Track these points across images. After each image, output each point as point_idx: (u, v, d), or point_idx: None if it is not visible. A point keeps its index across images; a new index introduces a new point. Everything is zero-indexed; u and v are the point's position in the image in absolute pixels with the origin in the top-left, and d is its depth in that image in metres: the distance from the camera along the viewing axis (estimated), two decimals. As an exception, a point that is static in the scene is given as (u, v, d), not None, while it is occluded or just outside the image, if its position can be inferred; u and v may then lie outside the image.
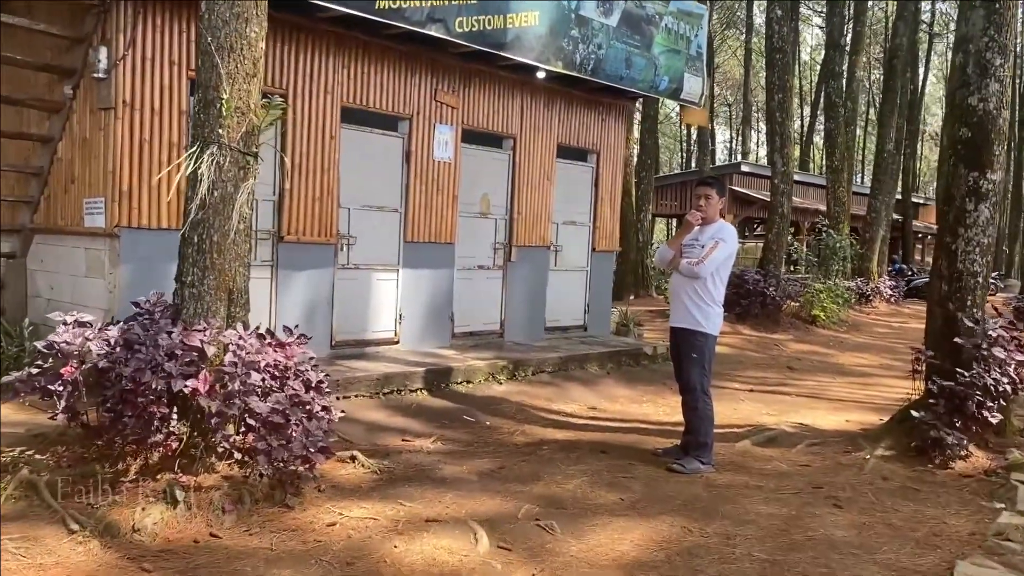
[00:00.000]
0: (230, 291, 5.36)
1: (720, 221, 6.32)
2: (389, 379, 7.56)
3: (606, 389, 9.05)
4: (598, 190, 11.06)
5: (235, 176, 5.24)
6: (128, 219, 6.69)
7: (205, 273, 5.26)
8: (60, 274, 7.37)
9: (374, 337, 8.65)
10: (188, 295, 5.30)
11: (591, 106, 10.75)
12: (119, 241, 6.67)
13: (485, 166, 9.63)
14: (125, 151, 6.64)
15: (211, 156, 5.17)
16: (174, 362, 4.82)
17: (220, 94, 5.13)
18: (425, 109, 8.82)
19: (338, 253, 8.24)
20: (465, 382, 8.23)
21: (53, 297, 7.49)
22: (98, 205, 6.77)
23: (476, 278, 9.67)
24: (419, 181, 8.83)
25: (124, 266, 6.70)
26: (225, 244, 5.25)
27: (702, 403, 6.19)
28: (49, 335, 4.96)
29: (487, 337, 9.83)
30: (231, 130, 5.18)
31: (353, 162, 8.26)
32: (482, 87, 9.38)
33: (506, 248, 9.93)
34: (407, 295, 8.87)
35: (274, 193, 7.71)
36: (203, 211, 5.22)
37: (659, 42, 10.14)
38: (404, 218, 8.77)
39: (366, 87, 8.29)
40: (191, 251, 5.30)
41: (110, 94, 6.57)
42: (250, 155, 5.30)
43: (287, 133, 7.70)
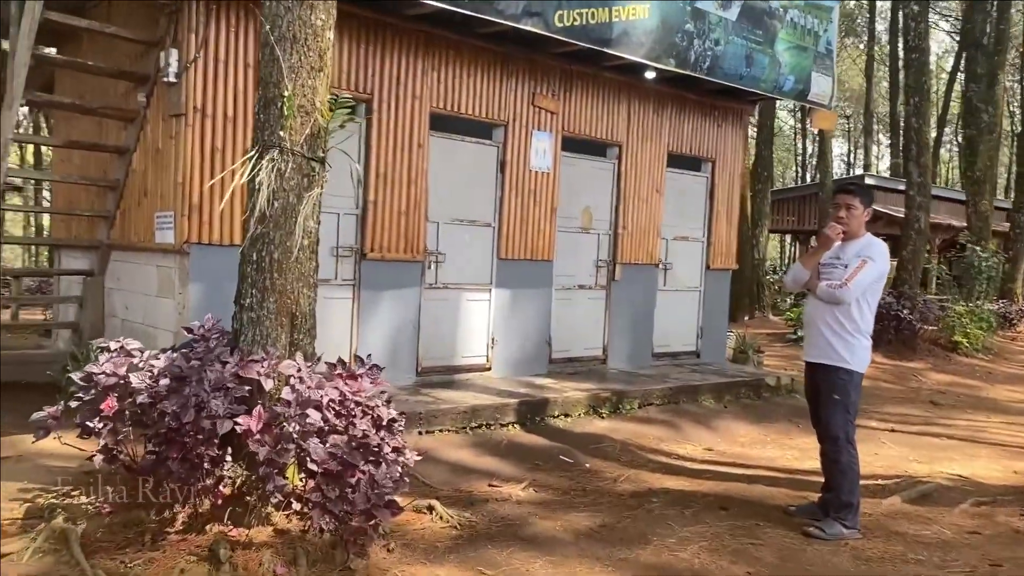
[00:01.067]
0: (292, 315, 4.70)
1: (867, 236, 5.27)
2: (478, 412, 6.79)
3: (724, 426, 8.00)
4: (713, 202, 10.03)
5: (298, 185, 4.59)
6: (198, 234, 6.19)
7: (264, 295, 4.62)
8: (134, 293, 6.96)
9: (464, 363, 7.91)
10: (246, 320, 4.68)
11: (705, 110, 9.75)
12: (188, 258, 6.17)
13: (587, 176, 8.78)
14: (195, 161, 6.15)
15: (271, 162, 4.53)
16: (223, 398, 4.17)
17: (281, 91, 4.49)
18: (522, 115, 8.06)
19: (425, 271, 7.56)
20: (563, 416, 7.37)
21: (128, 317, 7.09)
22: (168, 219, 6.30)
23: (576, 299, 8.81)
24: (514, 193, 8.06)
25: (193, 285, 6.19)
26: (287, 262, 4.60)
27: (846, 455, 5.14)
28: (88, 364, 4.41)
29: (588, 364, 8.94)
30: (294, 132, 4.54)
31: (442, 173, 7.58)
32: (584, 90, 8.56)
33: (610, 266, 9.04)
34: (500, 317, 8.10)
35: (357, 206, 7.10)
36: (262, 225, 4.59)
37: (783, 38, 9.06)
38: (497, 233, 8.02)
39: (457, 91, 7.60)
40: (250, 270, 4.67)
41: (180, 100, 6.09)
42: (316, 161, 4.64)
43: (371, 141, 7.08)
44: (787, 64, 9.15)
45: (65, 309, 8.16)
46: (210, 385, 4.17)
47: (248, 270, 4.68)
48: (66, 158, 8.12)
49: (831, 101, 9.93)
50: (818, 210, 22.25)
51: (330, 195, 6.68)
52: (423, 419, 6.46)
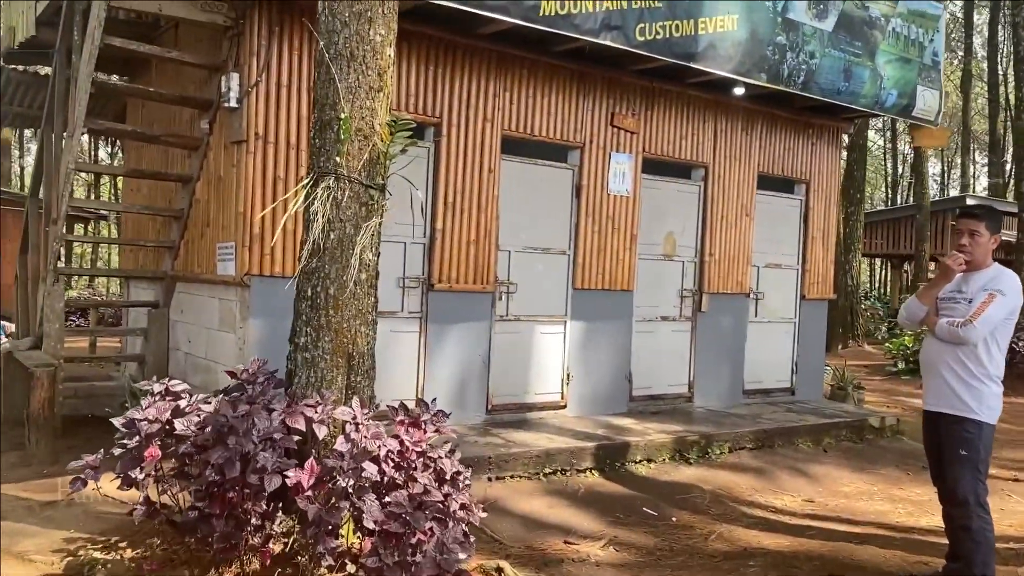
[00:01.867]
0: (349, 355, 4.31)
1: (994, 266, 4.59)
2: (552, 456, 6.27)
3: (824, 474, 7.26)
4: (808, 227, 9.31)
5: (356, 214, 4.20)
6: (259, 266, 5.89)
7: (319, 334, 4.25)
8: (196, 326, 6.73)
9: (537, 401, 7.41)
10: (300, 360, 4.32)
11: (798, 128, 9.09)
12: (249, 291, 5.88)
13: (670, 200, 8.22)
14: (257, 190, 5.87)
15: (327, 190, 4.17)
16: (272, 450, 3.78)
17: (337, 113, 4.13)
18: (599, 136, 7.58)
19: (496, 302, 7.11)
20: (646, 461, 6.79)
21: (190, 351, 6.86)
22: (229, 251, 6.03)
23: (659, 331, 8.22)
24: (591, 219, 7.57)
25: (254, 320, 5.89)
26: (343, 297, 4.22)
27: (977, 521, 4.44)
28: (131, 409, 4.09)
29: (672, 402, 8.32)
30: (351, 157, 4.17)
31: (514, 198, 7.15)
32: (667, 109, 8.03)
33: (695, 296, 8.43)
34: (576, 351, 7.58)
35: (424, 235, 6.72)
36: (317, 258, 4.22)
37: (885, 49, 8.35)
38: (573, 262, 7.52)
39: (531, 113, 7.17)
40: (304, 306, 4.31)
41: (241, 126, 5.84)
42: (375, 188, 4.25)
43: (440, 167, 6.71)
44: (889, 77, 8.42)
45: (133, 340, 8.03)
46: (259, 436, 3.79)
47: (302, 306, 4.32)
48: (135, 188, 8.03)
49: (938, 117, 9.13)
50: (914, 233, 21.02)
51: (396, 224, 6.35)
52: (493, 464, 5.99)
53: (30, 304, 6.98)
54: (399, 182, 4.62)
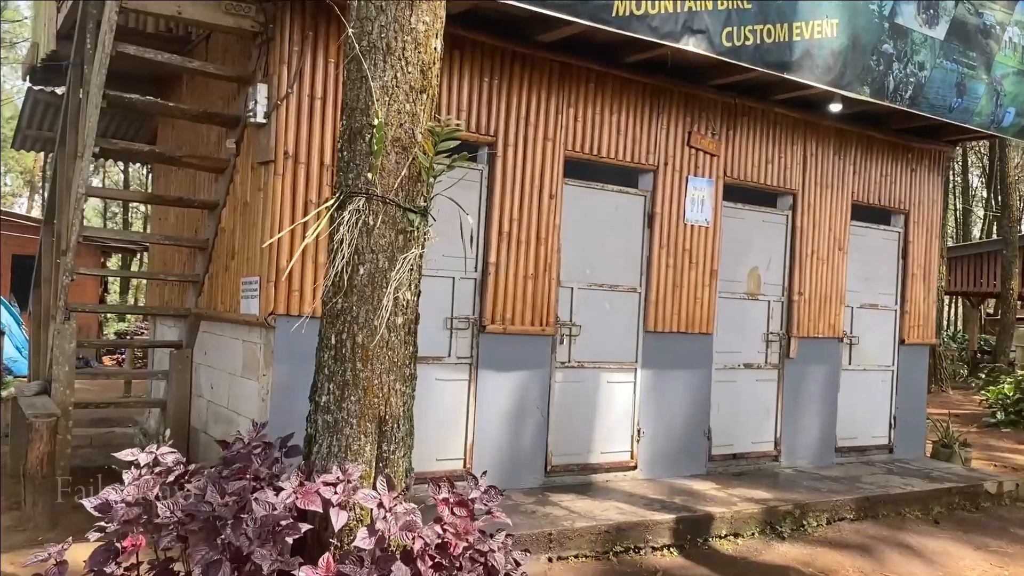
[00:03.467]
0: (380, 419, 3.47)
1: None
2: (624, 532, 5.32)
3: (941, 552, 6.13)
4: (907, 262, 8.24)
5: (391, 243, 3.38)
6: (286, 305, 5.11)
7: (344, 391, 3.42)
8: (219, 371, 5.97)
9: (603, 461, 6.46)
10: (321, 424, 3.49)
11: (897, 152, 8.07)
12: (274, 334, 5.09)
13: (755, 231, 7.26)
14: (285, 216, 5.11)
15: (356, 214, 3.36)
16: (272, 545, 2.93)
17: (370, 119, 3.33)
18: (675, 158, 6.69)
19: (557, 347, 6.21)
20: (732, 536, 5.78)
21: (212, 399, 6.10)
22: (253, 286, 5.27)
23: (741, 380, 7.22)
24: (665, 252, 6.65)
25: (278, 367, 5.10)
26: (373, 347, 3.38)
27: None
28: (108, 487, 3.29)
29: (756, 462, 7.28)
30: (386, 174, 3.36)
31: (578, 228, 6.27)
32: (751, 129, 7.10)
33: (783, 340, 7.41)
34: (648, 404, 6.63)
35: (476, 269, 5.88)
36: (343, 297, 3.40)
37: (1001, 61, 7.32)
38: (644, 300, 6.60)
39: (597, 131, 6.32)
40: (327, 358, 3.49)
41: (269, 143, 5.10)
42: (415, 212, 3.43)
43: (494, 191, 5.88)
44: (1007, 93, 7.38)
45: (158, 384, 7.33)
46: (257, 526, 2.94)
47: (324, 358, 3.50)
48: (163, 217, 7.39)
49: (1059, 138, 8.02)
50: (999, 270, 19.54)
51: (443, 256, 5.54)
52: (553, 541, 5.06)
53: (41, 344, 6.31)
54: (446, 205, 3.80)
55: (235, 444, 3.38)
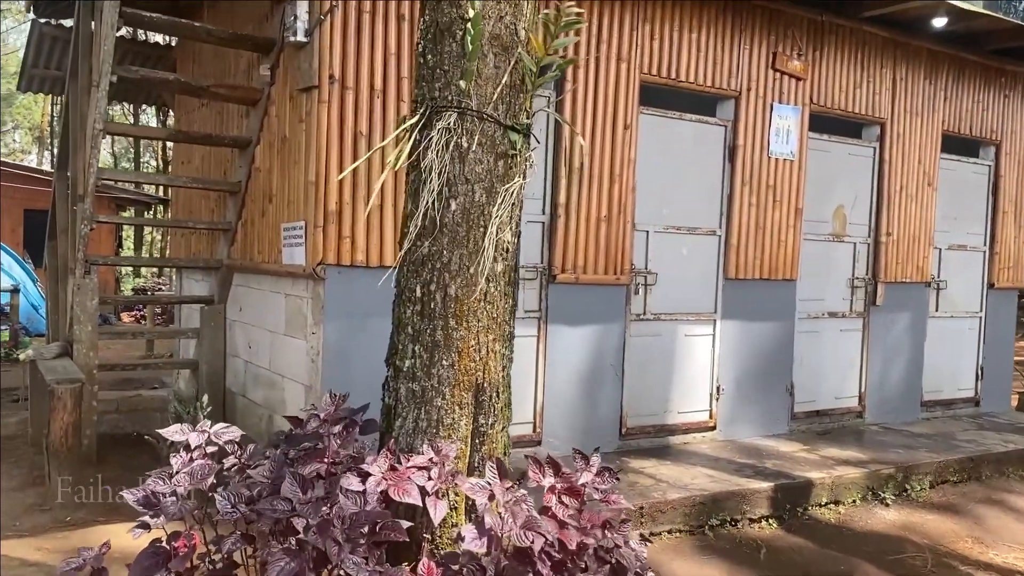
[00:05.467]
0: (477, 387, 2.85)
1: None
2: (718, 503, 4.74)
3: (1060, 519, 5.55)
4: (997, 199, 7.52)
5: (489, 171, 2.73)
6: (337, 253, 4.47)
7: (434, 355, 2.80)
8: (258, 328, 5.37)
9: (680, 422, 5.86)
10: (405, 393, 2.87)
11: (990, 77, 7.28)
12: (323, 286, 4.46)
13: (839, 165, 6.54)
14: (332, 151, 4.44)
15: (446, 134, 2.69)
16: (362, 551, 2.34)
17: (462, 10, 2.64)
18: (758, 83, 5.95)
19: (632, 297, 5.57)
20: (832, 503, 5.21)
21: (251, 359, 5.51)
22: (297, 233, 4.63)
23: (825, 331, 6.57)
24: (748, 189, 5.95)
25: (330, 324, 4.48)
26: (470, 300, 2.75)
27: None
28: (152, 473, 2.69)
29: (839, 418, 6.67)
30: (482, 82, 2.68)
31: (653, 163, 5.57)
32: (838, 50, 6.34)
33: (868, 286, 6.74)
34: (728, 358, 6.00)
35: (543, 211, 5.22)
36: (430, 239, 2.75)
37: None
38: (724, 244, 5.92)
39: (675, 52, 5.58)
40: (409, 313, 2.85)
41: (312, 66, 4.40)
42: (517, 131, 2.76)
43: (562, 116, 5.18)
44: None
45: (186, 343, 6.75)
46: (345, 526, 2.34)
47: (407, 313, 2.86)
48: (186, 159, 6.73)
49: None
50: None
51: None
52: (645, 516, 4.48)
53: (60, 301, 5.72)
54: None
55: (310, 422, 2.76)
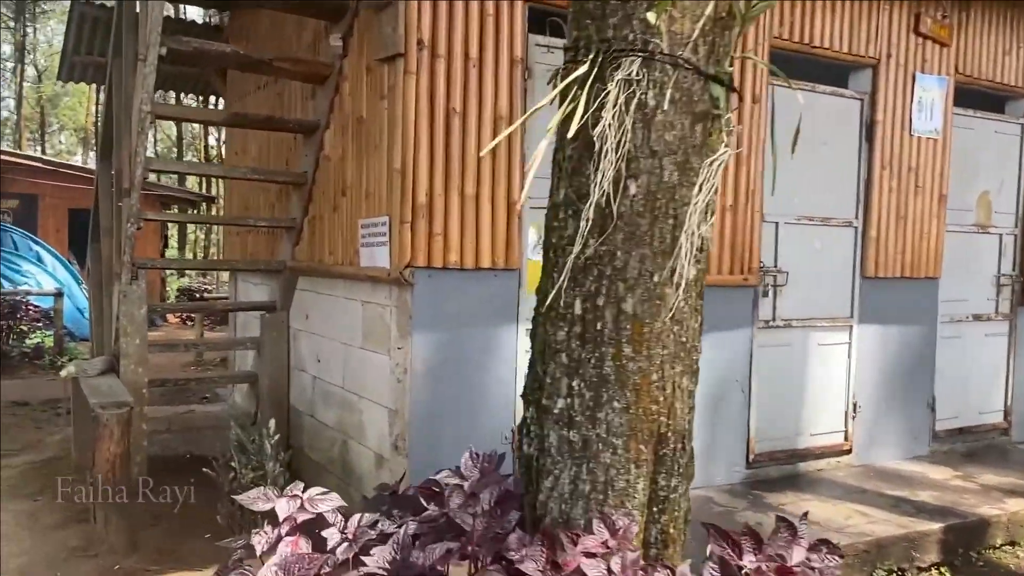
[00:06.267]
0: (659, 437, 2.09)
1: None
2: (883, 549, 3.93)
3: None
4: None
5: (683, 138, 1.97)
6: (427, 254, 3.75)
7: (600, 393, 2.06)
8: (329, 340, 4.67)
9: (812, 445, 5.04)
10: (556, 444, 2.14)
11: None
12: (411, 293, 3.74)
13: (984, 145, 5.66)
14: (422, 131, 3.72)
15: (623, 87, 1.94)
16: None
17: (652, -87, 1.89)
18: (898, 49, 5.10)
19: (759, 301, 4.77)
20: (1008, 545, 4.36)
21: (320, 375, 4.82)
22: (379, 230, 3.92)
23: (968, 336, 5.69)
24: (888, 172, 5.11)
25: (419, 336, 3.76)
26: (654, 319, 2.00)
27: None
28: (237, 552, 1.97)
29: (984, 436, 5.80)
30: (678, 15, 1.92)
31: (782, 143, 4.74)
32: (984, 12, 5.46)
33: (1015, 283, 5.85)
34: (864, 370, 5.17)
35: (659, 201, 4.44)
36: (597, 235, 2.01)
37: None
38: (862, 237, 5.09)
39: (808, 14, 4.77)
40: (563, 336, 2.11)
41: (396, 31, 3.68)
42: (721, 83, 2.00)
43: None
44: None
45: (243, 355, 6.10)
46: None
47: (558, 337, 2.12)
48: (241, 149, 6.07)
49: None
50: None
51: None
52: (802, 567, 3.68)
53: (104, 309, 5.09)
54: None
55: (453, 496, 2.03)
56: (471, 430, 3.92)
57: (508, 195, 3.91)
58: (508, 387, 3.99)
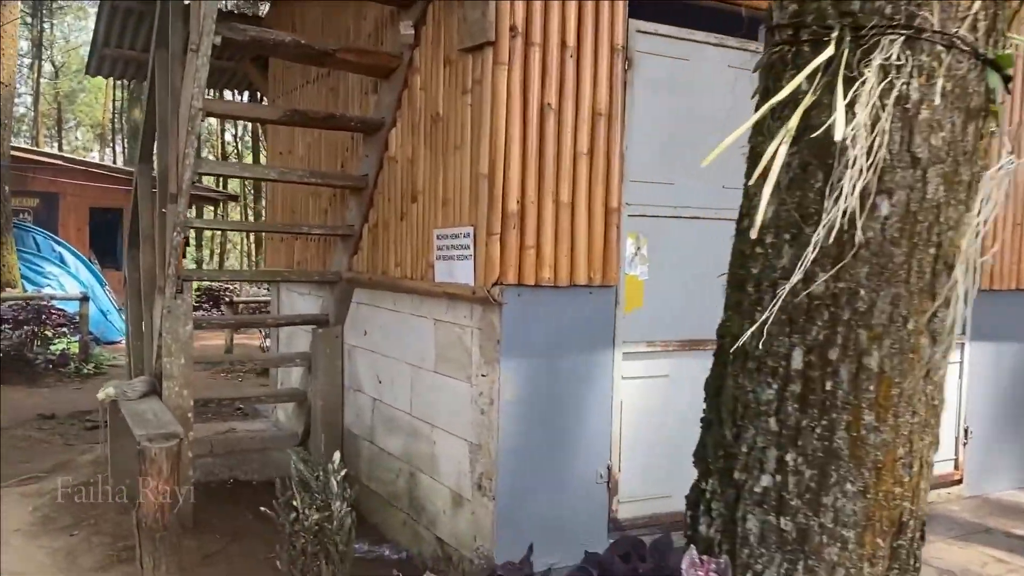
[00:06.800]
0: (900, 526, 1.61)
1: None
2: (1033, 604, 3.46)
3: None
4: None
5: (953, 141, 1.48)
6: (518, 270, 3.30)
7: (827, 472, 1.57)
8: (393, 360, 4.23)
9: (922, 474, 4.56)
10: (755, 531, 1.65)
11: None
12: (499, 314, 3.29)
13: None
14: (514, 131, 3.26)
15: (879, 75, 1.47)
16: None
17: None
18: None
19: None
20: None
21: (382, 398, 4.37)
22: (460, 241, 3.46)
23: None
24: None
25: (509, 364, 3.31)
26: (906, 377, 1.52)
27: None
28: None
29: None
30: None
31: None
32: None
33: None
34: (976, 391, 4.70)
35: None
36: (830, 266, 1.54)
37: None
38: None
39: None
40: (771, 395, 1.64)
41: (486, 15, 3.22)
42: (1001, 70, 1.53)
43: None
44: None
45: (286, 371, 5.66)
46: None
47: (763, 396, 1.66)
48: (288, 149, 5.63)
49: None
50: None
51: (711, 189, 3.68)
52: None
53: (144, 325, 4.67)
54: (707, 103, 1.90)
55: None
56: (563, 469, 3.48)
57: (606, 201, 3.46)
58: (603, 420, 3.54)
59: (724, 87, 3.70)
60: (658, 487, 3.72)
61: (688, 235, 3.75)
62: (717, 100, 3.72)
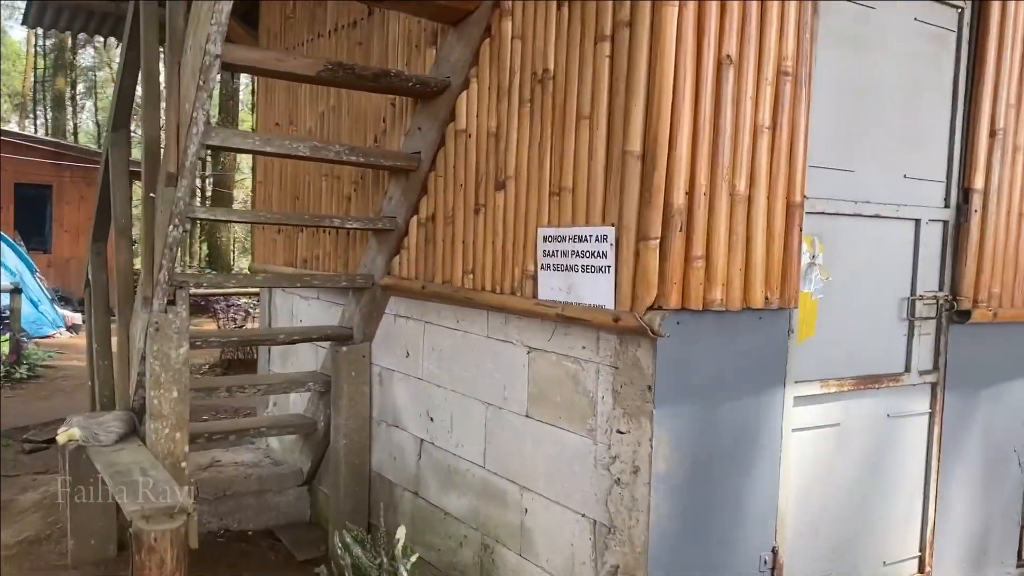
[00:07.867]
0: None
1: None
2: None
3: None
4: None
5: None
6: (682, 291, 2.36)
7: None
8: (454, 394, 3.25)
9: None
10: None
11: None
12: (653, 350, 2.35)
13: None
14: (683, 95, 2.31)
15: None
16: None
17: None
18: None
19: (1039, 342, 3.49)
20: None
21: (435, 440, 3.39)
22: (591, 247, 2.51)
23: None
24: None
25: (664, 417, 2.38)
26: None
27: None
28: None
29: None
30: None
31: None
32: None
33: None
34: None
35: (944, 201, 3.12)
36: None
37: None
38: None
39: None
40: None
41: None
42: None
43: (985, 52, 3.08)
44: None
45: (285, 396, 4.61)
46: None
47: None
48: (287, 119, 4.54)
49: None
50: None
51: (904, 177, 2.83)
52: None
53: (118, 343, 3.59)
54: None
55: None
56: (721, 553, 2.57)
57: (788, 193, 2.55)
58: (769, 487, 2.65)
59: (909, 45, 2.85)
60: (826, 567, 2.87)
61: (867, 238, 2.88)
62: (901, 61, 2.86)
